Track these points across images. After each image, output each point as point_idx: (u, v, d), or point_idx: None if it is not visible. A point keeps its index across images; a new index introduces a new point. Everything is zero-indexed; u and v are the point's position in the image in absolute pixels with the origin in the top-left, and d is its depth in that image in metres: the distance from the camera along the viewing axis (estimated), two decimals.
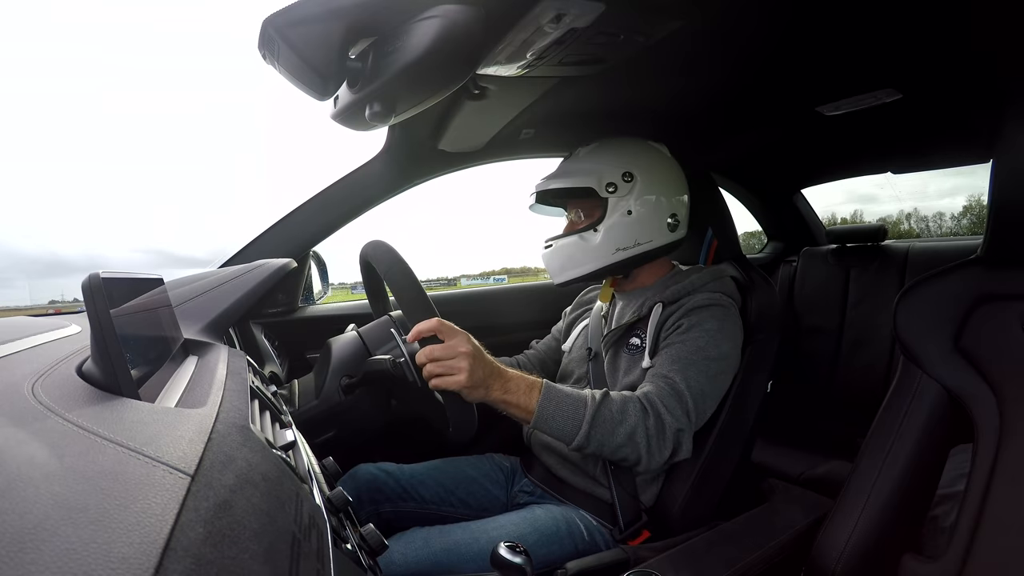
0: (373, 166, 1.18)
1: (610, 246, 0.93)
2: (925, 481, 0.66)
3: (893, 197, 2.04)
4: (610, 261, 0.94)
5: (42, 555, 0.16)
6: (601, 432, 0.75)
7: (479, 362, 0.73)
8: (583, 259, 0.95)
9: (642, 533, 0.86)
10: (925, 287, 0.69)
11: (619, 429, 0.76)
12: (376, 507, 0.93)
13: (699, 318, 0.86)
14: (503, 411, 0.78)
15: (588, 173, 0.94)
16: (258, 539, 0.23)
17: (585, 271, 0.96)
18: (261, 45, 0.52)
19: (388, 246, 0.80)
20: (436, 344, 0.73)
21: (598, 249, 0.94)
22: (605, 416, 0.76)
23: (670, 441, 0.77)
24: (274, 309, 1.24)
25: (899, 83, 0.98)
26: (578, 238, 0.95)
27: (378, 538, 0.47)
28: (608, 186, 0.92)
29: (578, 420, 0.75)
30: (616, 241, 0.93)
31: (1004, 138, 0.59)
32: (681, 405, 0.79)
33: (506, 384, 0.76)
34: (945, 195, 4.54)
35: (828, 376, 1.70)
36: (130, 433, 0.26)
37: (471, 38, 0.52)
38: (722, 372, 0.85)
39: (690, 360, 0.82)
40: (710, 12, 0.69)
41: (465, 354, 0.72)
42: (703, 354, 0.83)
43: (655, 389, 0.80)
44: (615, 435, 0.76)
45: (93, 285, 0.33)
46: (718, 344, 0.84)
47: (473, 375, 0.72)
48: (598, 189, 0.92)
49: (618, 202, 0.93)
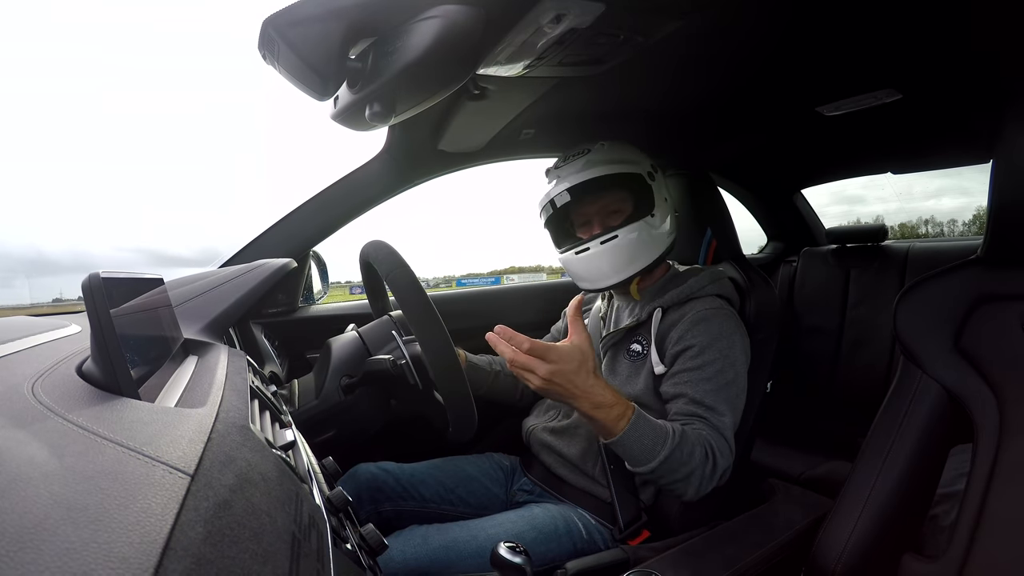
0: (373, 166, 1.18)
1: (669, 231, 0.94)
2: (925, 481, 0.66)
3: (879, 199, 2.03)
4: (666, 247, 0.94)
5: (42, 555, 0.16)
6: (668, 468, 0.76)
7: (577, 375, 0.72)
8: (648, 250, 0.92)
9: (642, 533, 0.86)
10: (925, 287, 0.69)
11: (682, 469, 0.76)
12: (376, 506, 0.93)
13: (708, 338, 0.85)
14: (587, 422, 0.80)
15: (628, 162, 0.93)
16: (258, 539, 0.23)
17: (647, 262, 0.92)
18: (261, 45, 0.52)
19: (390, 248, 0.80)
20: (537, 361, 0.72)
21: (661, 236, 0.93)
22: (676, 457, 0.75)
23: (715, 480, 0.78)
24: (274, 309, 1.24)
25: (899, 83, 0.98)
26: (644, 224, 0.90)
27: (378, 538, 0.47)
28: (649, 175, 0.93)
29: (653, 453, 0.75)
30: (669, 227, 0.95)
31: (1004, 138, 0.59)
32: (728, 447, 0.80)
33: (597, 405, 0.74)
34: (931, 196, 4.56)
35: (828, 376, 1.70)
36: (130, 433, 0.26)
37: (471, 38, 0.52)
38: (742, 391, 0.86)
39: (715, 390, 0.82)
40: (710, 12, 0.69)
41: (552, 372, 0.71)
42: (723, 380, 0.83)
43: (708, 432, 0.79)
44: (677, 472, 0.76)
45: (93, 285, 0.33)
46: (733, 364, 0.84)
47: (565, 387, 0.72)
48: (645, 176, 0.92)
49: (659, 190, 0.94)
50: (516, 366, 0.73)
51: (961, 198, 12.15)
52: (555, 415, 1.01)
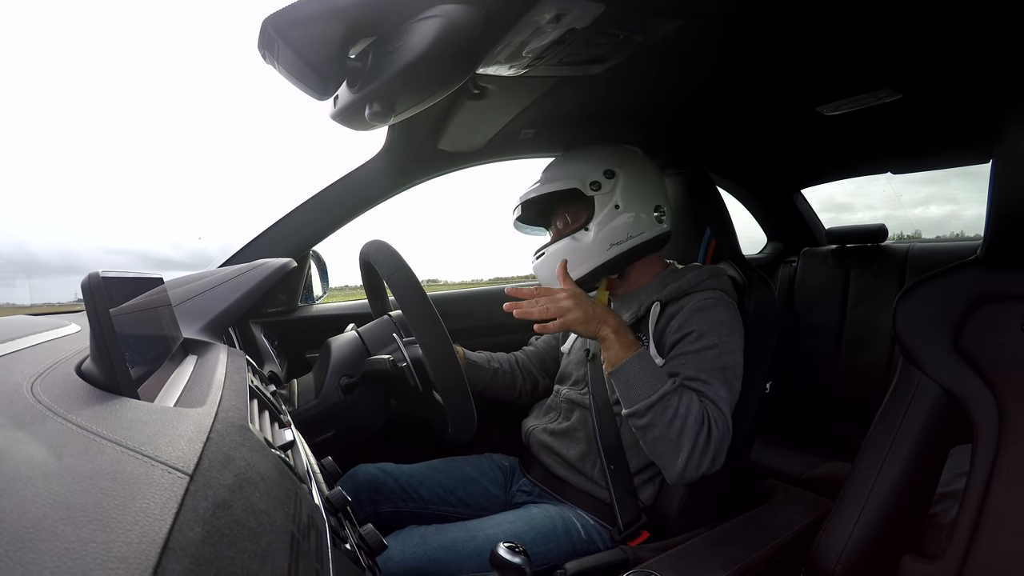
0: (373, 166, 1.18)
1: (604, 243, 0.94)
2: (924, 481, 0.66)
3: (868, 206, 2.03)
4: (605, 258, 0.94)
5: (41, 554, 0.16)
6: (661, 414, 0.76)
7: (583, 299, 0.83)
8: (578, 260, 0.95)
9: (641, 533, 0.86)
10: (925, 287, 0.69)
11: (675, 422, 0.76)
12: (375, 507, 0.93)
13: (708, 324, 0.85)
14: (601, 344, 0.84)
15: (568, 176, 0.95)
16: (257, 539, 0.23)
17: (583, 272, 0.95)
18: (261, 45, 0.52)
19: (390, 248, 0.80)
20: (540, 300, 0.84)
21: (592, 247, 0.94)
22: (672, 402, 0.76)
23: (709, 459, 0.77)
24: (274, 309, 1.24)
25: (899, 83, 0.98)
26: (570, 240, 0.95)
27: (377, 538, 0.47)
28: (592, 184, 0.93)
29: (650, 391, 0.77)
30: (609, 237, 0.93)
31: (1004, 139, 0.59)
32: (725, 418, 0.79)
33: (619, 330, 0.82)
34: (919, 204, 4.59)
35: (828, 376, 1.70)
36: (129, 432, 0.26)
37: (471, 38, 0.52)
38: (737, 377, 0.86)
39: (714, 370, 0.82)
40: (709, 12, 0.69)
41: (568, 295, 0.83)
42: (720, 363, 0.83)
43: (706, 402, 0.79)
44: (670, 425, 0.76)
45: (93, 284, 0.33)
46: (732, 352, 0.85)
47: (583, 309, 0.82)
48: (583, 188, 0.93)
49: (604, 199, 0.93)
50: (544, 308, 0.82)
51: (948, 206, 12.11)
52: (555, 416, 1.01)
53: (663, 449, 0.77)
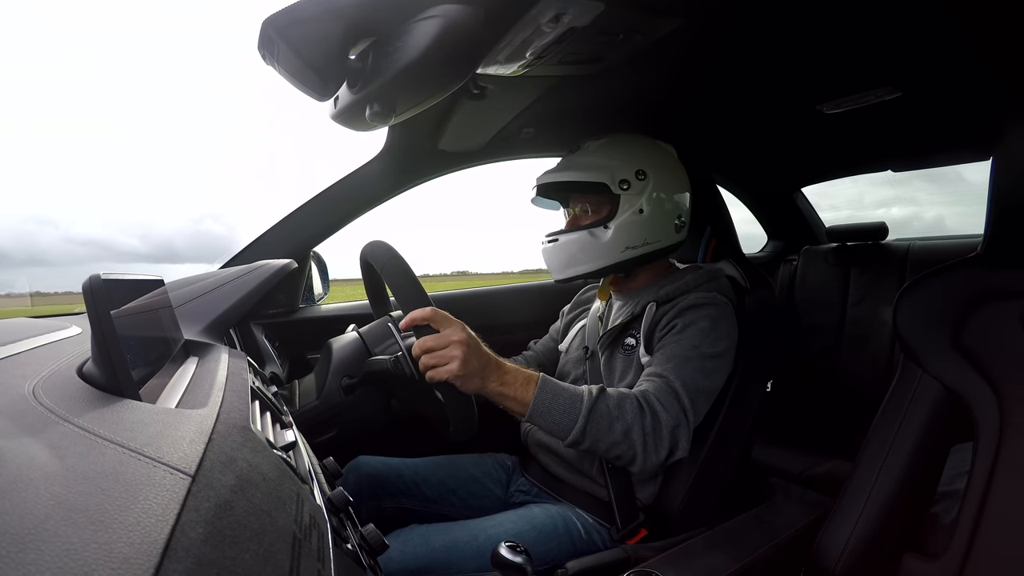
0: (373, 166, 1.18)
1: (619, 244, 0.93)
2: (925, 480, 0.66)
3: (832, 207, 2.03)
4: (617, 259, 0.93)
5: (43, 555, 0.16)
6: (597, 428, 0.74)
7: (473, 351, 0.71)
8: (590, 256, 0.94)
9: (639, 532, 0.86)
10: (925, 285, 0.69)
11: (615, 426, 0.74)
12: (378, 502, 0.93)
13: (693, 317, 0.85)
14: (500, 404, 0.76)
15: (600, 168, 0.92)
16: (258, 539, 0.23)
17: (591, 268, 0.94)
18: (261, 45, 0.52)
19: (386, 244, 0.80)
20: (430, 335, 0.71)
21: (607, 246, 0.93)
22: (602, 411, 0.74)
23: (666, 440, 0.75)
24: (275, 310, 1.24)
25: (899, 81, 0.98)
26: (587, 234, 0.93)
27: (378, 538, 0.47)
28: (622, 183, 0.91)
29: (574, 415, 0.74)
30: (626, 240, 0.92)
31: (1004, 137, 0.59)
32: (677, 402, 0.78)
33: (503, 376, 0.74)
34: (880, 205, 4.63)
35: (828, 375, 1.69)
36: (131, 434, 0.26)
37: (471, 38, 0.52)
38: (717, 369, 0.84)
39: (685, 357, 0.82)
40: (709, 11, 0.69)
41: (459, 342, 0.70)
42: (697, 351, 0.82)
43: (651, 387, 0.79)
44: (612, 432, 0.74)
45: (94, 286, 0.33)
46: (712, 342, 0.83)
47: (467, 364, 0.69)
48: (611, 185, 0.91)
49: (631, 199, 0.92)
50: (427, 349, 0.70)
51: (910, 207, 12.09)
52: None
53: (619, 452, 0.76)
